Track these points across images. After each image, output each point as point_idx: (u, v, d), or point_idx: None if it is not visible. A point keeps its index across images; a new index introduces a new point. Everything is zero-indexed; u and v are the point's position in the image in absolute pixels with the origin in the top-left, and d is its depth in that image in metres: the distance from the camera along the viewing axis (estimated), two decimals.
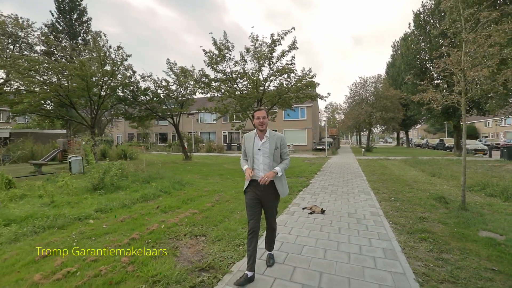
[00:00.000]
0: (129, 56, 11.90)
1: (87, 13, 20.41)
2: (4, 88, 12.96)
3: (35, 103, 9.63)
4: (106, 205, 4.89)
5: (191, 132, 27.99)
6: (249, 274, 2.40)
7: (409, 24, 20.20)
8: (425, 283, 2.36)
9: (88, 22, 20.45)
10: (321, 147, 25.11)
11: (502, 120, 31.07)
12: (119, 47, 11.40)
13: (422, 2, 19.02)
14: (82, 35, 20.63)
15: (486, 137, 45.47)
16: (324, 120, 35.65)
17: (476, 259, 2.79)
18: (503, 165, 11.51)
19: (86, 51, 13.93)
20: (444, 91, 4.94)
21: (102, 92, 12.01)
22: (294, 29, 9.16)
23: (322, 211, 4.53)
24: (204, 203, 5.30)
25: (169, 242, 3.36)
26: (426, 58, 18.28)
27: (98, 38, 11.28)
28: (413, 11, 19.46)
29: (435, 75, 16.03)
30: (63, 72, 10.45)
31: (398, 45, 33.11)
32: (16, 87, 14.81)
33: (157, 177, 7.80)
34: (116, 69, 11.38)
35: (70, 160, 9.03)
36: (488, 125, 47.51)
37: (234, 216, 4.42)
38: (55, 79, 11.36)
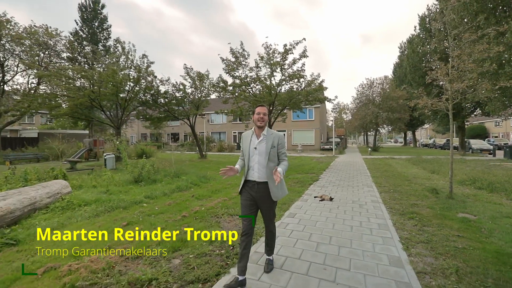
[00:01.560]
0: (152, 63, 13.06)
1: (107, 21, 21.79)
2: (40, 92, 14.28)
3: (74, 107, 10.85)
4: (151, 194, 5.94)
5: (203, 132, 29.17)
6: (240, 278, 2.25)
7: (415, 27, 20.79)
8: (406, 243, 3.27)
9: (109, 29, 21.82)
10: (328, 146, 25.89)
11: (505, 120, 31.12)
12: (144, 55, 12.57)
13: (427, 6, 19.61)
14: (102, 41, 22.03)
15: (496, 137, 45.12)
16: (332, 120, 36.34)
17: (449, 230, 3.69)
18: (503, 164, 12.15)
19: (107, 57, 15.20)
20: (435, 97, 5.79)
21: (127, 96, 13.19)
22: (305, 40, 10.12)
23: (331, 199, 5.47)
24: (230, 193, 6.29)
25: (211, 219, 4.36)
26: (431, 60, 18.84)
27: (126, 48, 12.43)
28: (418, 15, 20.05)
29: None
30: (95, 79, 11.65)
31: (405, 46, 33.45)
32: (44, 90, 16.23)
33: (183, 172, 8.85)
34: (142, 75, 12.53)
35: (105, 157, 10.18)
36: (499, 125, 47.08)
37: None
38: (87, 85, 12.60)
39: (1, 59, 15.27)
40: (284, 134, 29.01)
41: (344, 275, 2.50)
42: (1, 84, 15.68)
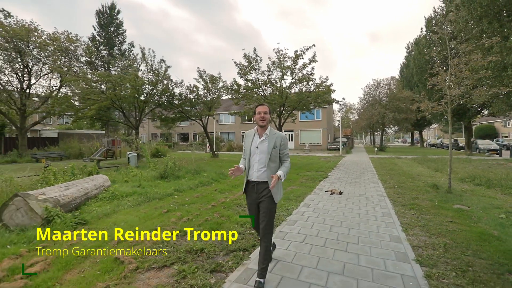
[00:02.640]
0: (169, 67, 13.86)
1: (122, 26, 22.77)
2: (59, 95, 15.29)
3: (99, 109, 11.74)
4: (178, 188, 6.68)
5: (212, 132, 29.97)
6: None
7: (421, 28, 21.10)
8: (405, 226, 3.90)
9: (124, 34, 22.79)
10: (335, 146, 26.37)
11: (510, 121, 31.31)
12: (162, 60, 13.39)
13: (434, 8, 19.93)
14: (118, 45, 23.03)
15: (506, 137, 44.71)
16: (338, 120, 36.72)
17: (443, 217, 4.30)
18: (506, 163, 12.52)
19: (123, 60, 16.09)
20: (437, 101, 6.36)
21: (145, 98, 14.05)
22: (315, 46, 10.75)
23: (340, 193, 6.11)
24: None
25: (237, 208, 5.04)
26: (438, 62, 19.16)
27: (146, 54, 13.26)
28: (425, 17, 20.38)
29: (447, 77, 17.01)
30: (118, 82, 12.51)
31: (412, 47, 33.60)
32: (65, 93, 17.23)
33: (201, 170, 9.58)
34: (160, 79, 13.35)
35: (128, 155, 11.01)
36: (508, 125, 46.57)
37: None
38: (104, 87, 13.49)
39: (29, 64, 16.30)
40: (292, 134, 29.66)
41: (353, 247, 3.16)
42: (28, 88, 16.73)
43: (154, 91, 14.10)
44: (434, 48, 18.34)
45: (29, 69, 16.81)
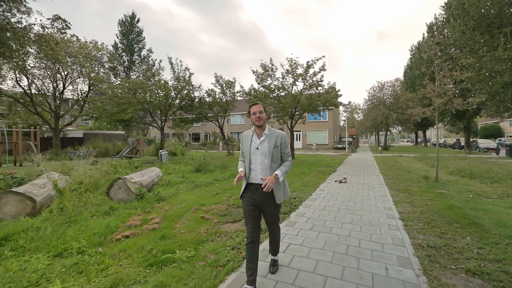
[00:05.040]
0: (192, 74, 15.46)
1: (142, 33, 24.49)
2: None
3: (134, 112, 13.39)
4: (215, 178, 8.21)
5: (225, 133, 31.56)
6: None
7: (423, 34, 22.32)
8: (396, 202, 5.35)
9: (143, 41, 24.50)
10: (341, 145, 27.74)
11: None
12: (186, 68, 14.99)
13: (435, 15, 21.13)
14: (137, 51, 24.77)
15: (511, 136, 45.34)
16: (344, 120, 38.03)
17: (426, 197, 5.74)
18: (499, 161, 13.78)
19: (142, 66, 17.71)
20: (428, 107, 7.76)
21: (170, 102, 15.68)
22: (324, 57, 12.22)
23: (344, 179, 7.56)
24: None
25: None
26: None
27: (174, 63, 14.89)
28: (426, 23, 21.59)
29: (449, 79, 18.23)
30: (148, 89, 14.14)
31: (415, 49, 34.66)
32: (90, 96, 18.96)
33: (227, 165, 11.11)
34: (185, 85, 14.96)
35: (161, 153, 12.61)
36: None
37: (294, 184, 7.56)
38: (139, 94, 15.17)
39: (61, 71, 18.10)
40: (300, 134, 31.08)
41: (358, 212, 4.64)
42: (62, 92, 18.55)
43: (179, 95, 15.72)
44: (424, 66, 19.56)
45: (62, 75, 18.60)
